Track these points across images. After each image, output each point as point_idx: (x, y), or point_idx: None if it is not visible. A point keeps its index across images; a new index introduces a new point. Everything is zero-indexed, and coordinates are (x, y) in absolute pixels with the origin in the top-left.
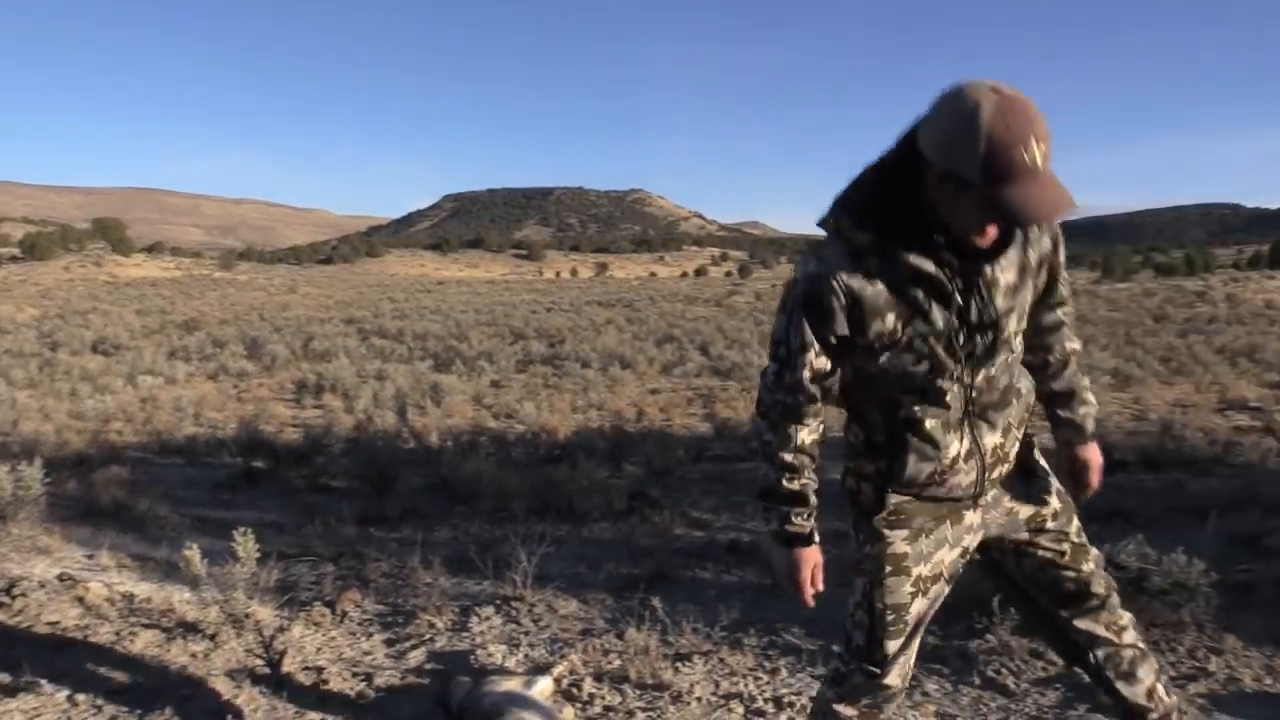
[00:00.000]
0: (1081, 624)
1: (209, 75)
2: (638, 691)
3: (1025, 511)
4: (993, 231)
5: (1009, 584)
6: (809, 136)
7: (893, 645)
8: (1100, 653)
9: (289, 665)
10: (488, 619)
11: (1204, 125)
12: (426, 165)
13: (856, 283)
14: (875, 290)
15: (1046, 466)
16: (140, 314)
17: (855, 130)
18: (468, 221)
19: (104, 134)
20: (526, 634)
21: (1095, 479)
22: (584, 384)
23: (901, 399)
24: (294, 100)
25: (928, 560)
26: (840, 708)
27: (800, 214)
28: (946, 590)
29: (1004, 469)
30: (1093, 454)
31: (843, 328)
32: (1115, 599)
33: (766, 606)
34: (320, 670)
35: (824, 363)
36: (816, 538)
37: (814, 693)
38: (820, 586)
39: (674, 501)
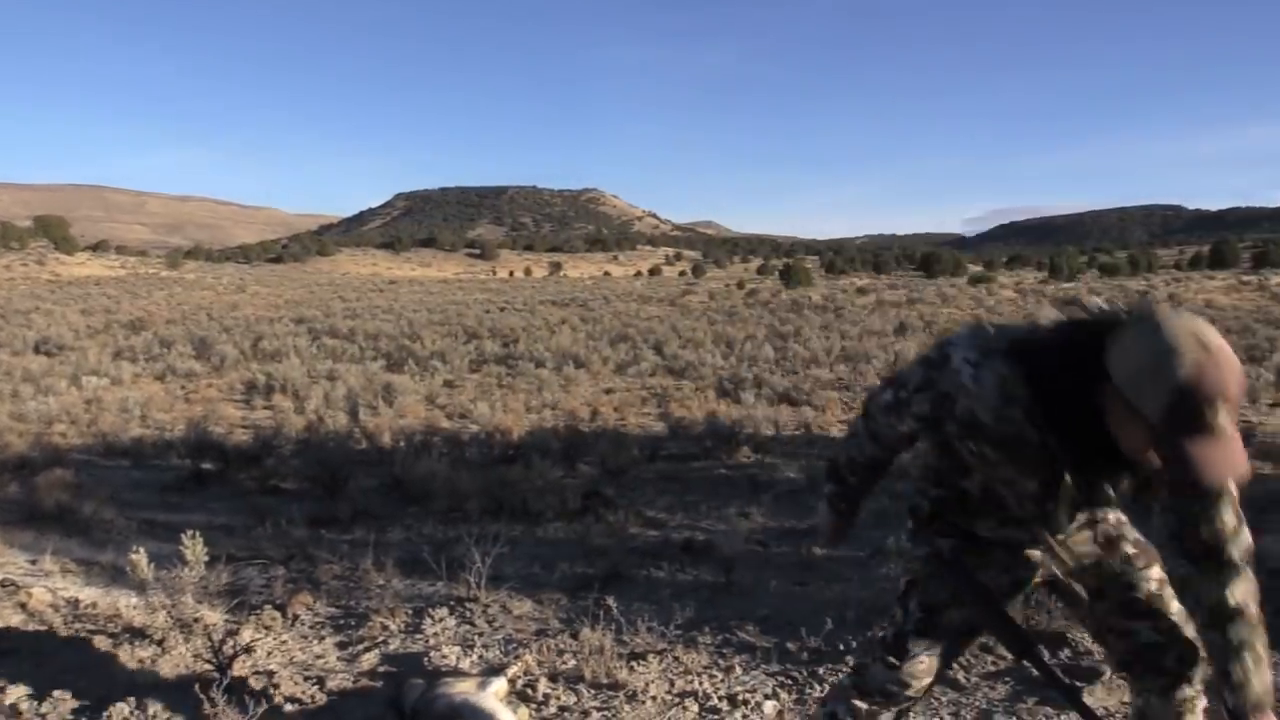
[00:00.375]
0: (1143, 682)
1: (155, 69)
2: (593, 691)
3: (1091, 556)
4: (1152, 455)
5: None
6: (763, 136)
7: (918, 643)
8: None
9: (239, 670)
10: (441, 620)
11: (1147, 128)
12: (378, 163)
13: (991, 419)
14: (1001, 433)
15: (1124, 519)
16: (85, 313)
17: (810, 130)
18: (420, 220)
19: (46, 129)
20: (481, 635)
21: None
22: (538, 383)
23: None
24: (243, 96)
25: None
26: (854, 698)
27: (754, 214)
28: None
29: (1064, 521)
30: None
31: (955, 430)
32: (1197, 672)
33: (721, 605)
34: (271, 675)
35: (924, 432)
36: (837, 515)
37: (768, 690)
38: (838, 538)
39: (628, 501)
